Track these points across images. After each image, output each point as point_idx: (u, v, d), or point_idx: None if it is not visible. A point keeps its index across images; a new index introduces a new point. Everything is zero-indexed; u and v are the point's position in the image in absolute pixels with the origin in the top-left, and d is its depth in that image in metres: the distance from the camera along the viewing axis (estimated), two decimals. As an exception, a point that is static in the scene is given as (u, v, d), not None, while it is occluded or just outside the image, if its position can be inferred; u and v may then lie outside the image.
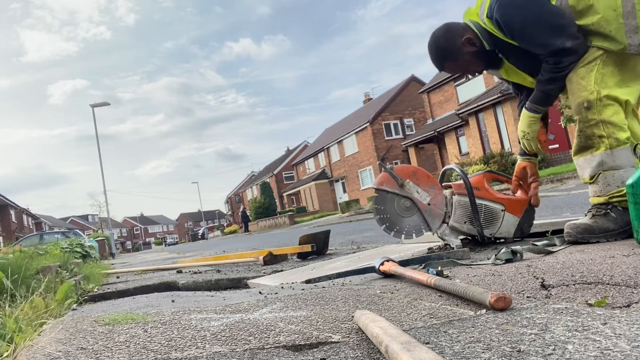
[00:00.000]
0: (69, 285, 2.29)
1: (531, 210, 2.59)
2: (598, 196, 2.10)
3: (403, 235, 2.51)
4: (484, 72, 2.56)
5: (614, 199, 2.04)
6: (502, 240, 2.59)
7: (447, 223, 2.56)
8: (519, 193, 2.64)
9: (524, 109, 2.29)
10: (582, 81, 2.06)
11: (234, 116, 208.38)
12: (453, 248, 2.48)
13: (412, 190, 2.50)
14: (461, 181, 2.58)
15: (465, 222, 2.53)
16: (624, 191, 1.91)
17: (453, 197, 2.56)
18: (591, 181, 2.11)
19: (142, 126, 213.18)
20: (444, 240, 2.60)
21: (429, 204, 2.51)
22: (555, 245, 2.15)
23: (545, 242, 2.21)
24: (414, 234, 2.51)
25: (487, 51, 2.30)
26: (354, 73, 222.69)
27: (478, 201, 2.51)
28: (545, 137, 2.34)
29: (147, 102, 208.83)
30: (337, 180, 40.98)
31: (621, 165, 2.02)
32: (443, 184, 2.65)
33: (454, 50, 2.31)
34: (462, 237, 2.60)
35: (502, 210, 2.54)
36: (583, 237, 2.08)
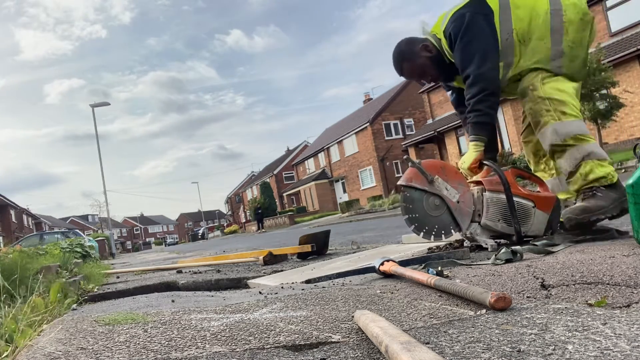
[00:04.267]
0: (59, 285, 2.24)
1: (558, 206, 2.48)
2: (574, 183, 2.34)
3: (432, 236, 2.39)
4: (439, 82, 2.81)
5: (590, 178, 2.27)
6: (531, 239, 2.45)
7: (478, 222, 2.42)
8: (540, 189, 2.56)
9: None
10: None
11: (232, 115, 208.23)
12: (471, 247, 2.39)
13: (441, 187, 2.38)
14: (492, 177, 2.47)
15: (499, 220, 2.40)
16: (599, 175, 2.23)
17: (484, 194, 2.43)
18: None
19: (136, 126, 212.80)
20: (474, 241, 2.46)
21: (458, 202, 2.39)
22: (555, 245, 2.15)
23: (544, 241, 2.21)
24: (443, 235, 2.40)
25: (442, 60, 2.58)
26: (349, 71, 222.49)
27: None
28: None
29: (143, 101, 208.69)
30: (337, 180, 40.97)
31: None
32: (469, 181, 2.53)
33: (411, 53, 2.61)
34: (491, 244, 2.42)
35: (533, 207, 2.43)
36: (583, 217, 2.24)
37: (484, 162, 2.48)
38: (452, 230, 2.43)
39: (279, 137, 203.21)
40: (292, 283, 2.32)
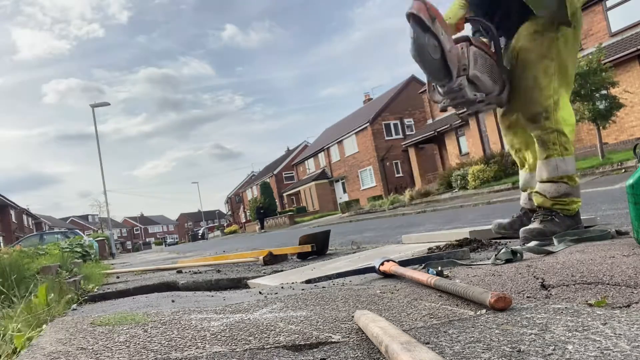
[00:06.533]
0: (45, 288, 2.17)
1: None
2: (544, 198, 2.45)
3: (434, 79, 2.41)
4: None
5: (557, 206, 2.42)
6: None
7: (465, 76, 2.38)
8: None
9: None
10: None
11: (231, 115, 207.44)
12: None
13: (439, 31, 2.29)
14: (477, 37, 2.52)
15: (484, 73, 2.40)
16: (567, 200, 2.40)
17: (469, 47, 2.38)
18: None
19: (132, 125, 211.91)
20: (459, 91, 2.40)
21: (450, 50, 2.33)
22: (553, 245, 2.16)
23: (539, 242, 2.23)
24: (440, 76, 2.37)
25: None
26: (348, 70, 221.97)
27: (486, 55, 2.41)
28: None
29: (141, 101, 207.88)
30: (337, 180, 40.98)
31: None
32: (454, 38, 2.47)
33: None
34: (480, 93, 2.43)
35: None
36: (537, 239, 2.36)
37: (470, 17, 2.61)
38: (442, 76, 2.39)
39: (279, 137, 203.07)
40: (292, 283, 2.32)
